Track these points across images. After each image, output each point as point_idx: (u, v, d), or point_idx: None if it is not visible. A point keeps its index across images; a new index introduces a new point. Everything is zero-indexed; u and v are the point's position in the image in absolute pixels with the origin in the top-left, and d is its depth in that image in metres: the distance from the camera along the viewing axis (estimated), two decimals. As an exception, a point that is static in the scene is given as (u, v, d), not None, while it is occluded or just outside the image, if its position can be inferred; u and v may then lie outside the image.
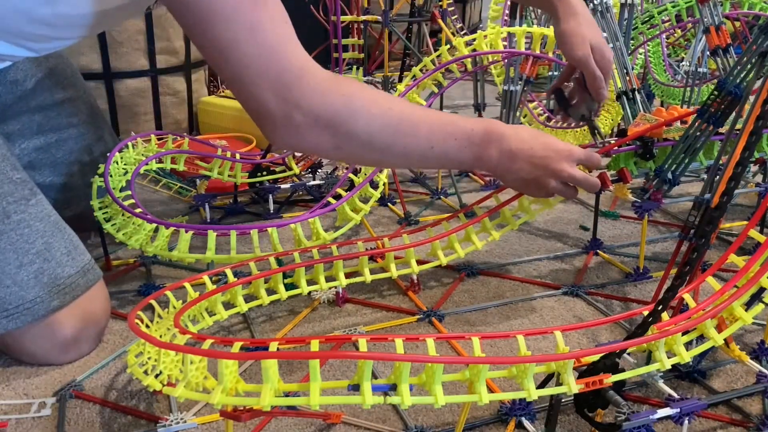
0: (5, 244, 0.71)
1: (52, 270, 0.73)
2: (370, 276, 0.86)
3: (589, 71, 0.88)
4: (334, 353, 0.68)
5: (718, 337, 0.62)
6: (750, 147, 0.57)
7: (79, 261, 0.76)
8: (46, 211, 0.75)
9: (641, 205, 0.86)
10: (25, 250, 0.72)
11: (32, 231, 0.73)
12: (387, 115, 0.70)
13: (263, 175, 1.19)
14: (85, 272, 0.76)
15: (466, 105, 2.03)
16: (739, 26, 1.35)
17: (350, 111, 0.68)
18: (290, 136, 0.68)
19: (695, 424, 0.65)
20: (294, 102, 0.66)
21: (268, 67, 0.64)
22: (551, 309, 0.87)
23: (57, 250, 0.74)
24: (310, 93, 0.66)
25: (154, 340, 0.53)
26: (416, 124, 0.72)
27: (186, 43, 1.60)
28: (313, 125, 0.67)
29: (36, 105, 0.92)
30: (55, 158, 0.96)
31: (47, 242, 0.73)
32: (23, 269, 0.71)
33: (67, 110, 0.96)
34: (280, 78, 0.65)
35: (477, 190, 1.30)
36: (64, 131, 0.96)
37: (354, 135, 0.69)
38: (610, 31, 1.15)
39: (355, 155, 0.75)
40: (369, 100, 0.70)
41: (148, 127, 1.58)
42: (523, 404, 0.65)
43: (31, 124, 0.92)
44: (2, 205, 0.71)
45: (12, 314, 0.71)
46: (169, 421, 0.64)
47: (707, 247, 0.62)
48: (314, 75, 0.67)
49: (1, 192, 0.72)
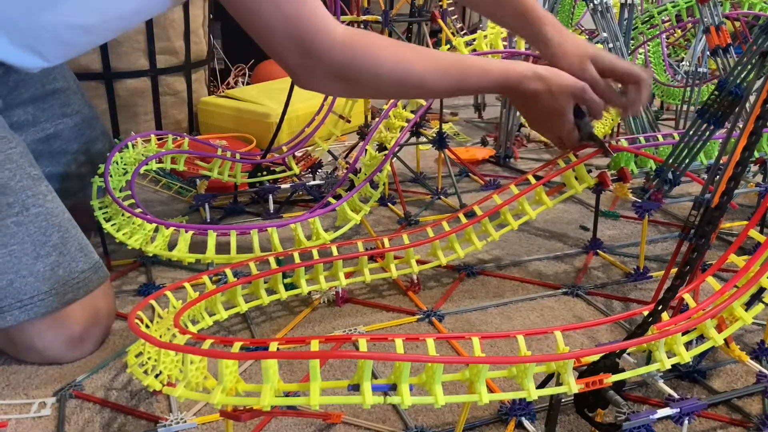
0: (24, 235, 0.72)
1: (68, 264, 0.74)
2: (370, 276, 0.86)
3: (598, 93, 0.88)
4: (334, 353, 0.68)
5: (718, 337, 0.62)
6: (750, 147, 0.57)
7: (91, 258, 0.77)
8: (60, 208, 0.77)
9: (641, 205, 0.86)
10: (42, 242, 0.73)
11: (49, 224, 0.74)
12: (399, 56, 0.79)
13: (263, 175, 1.19)
14: (97, 269, 0.77)
15: (466, 105, 2.03)
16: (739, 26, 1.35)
17: (366, 55, 0.77)
18: (311, 85, 0.80)
19: (695, 424, 0.65)
20: (315, 57, 0.75)
21: (289, 28, 0.73)
22: (551, 309, 0.87)
23: (72, 245, 0.75)
24: (328, 50, 0.75)
25: (154, 340, 0.53)
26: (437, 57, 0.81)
27: (186, 43, 1.60)
28: (331, 76, 0.77)
29: (28, 96, 0.92)
30: (52, 148, 0.96)
31: (63, 236, 0.75)
32: (40, 261, 0.72)
33: (59, 100, 0.97)
34: (301, 38, 0.74)
35: (477, 190, 1.30)
36: (59, 121, 0.97)
37: (369, 77, 0.79)
38: (610, 31, 1.15)
39: (374, 90, 0.84)
40: (381, 46, 0.78)
41: (148, 127, 1.58)
42: (523, 404, 0.65)
43: (26, 116, 0.93)
44: (22, 197, 0.73)
45: (26, 305, 0.71)
46: (169, 421, 0.64)
47: (707, 247, 0.62)
48: (331, 32, 0.75)
49: (21, 186, 0.73)
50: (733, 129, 0.76)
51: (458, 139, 1.64)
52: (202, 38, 1.67)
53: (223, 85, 1.96)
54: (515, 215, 0.90)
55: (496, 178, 1.35)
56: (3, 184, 0.72)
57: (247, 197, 1.24)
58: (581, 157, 0.90)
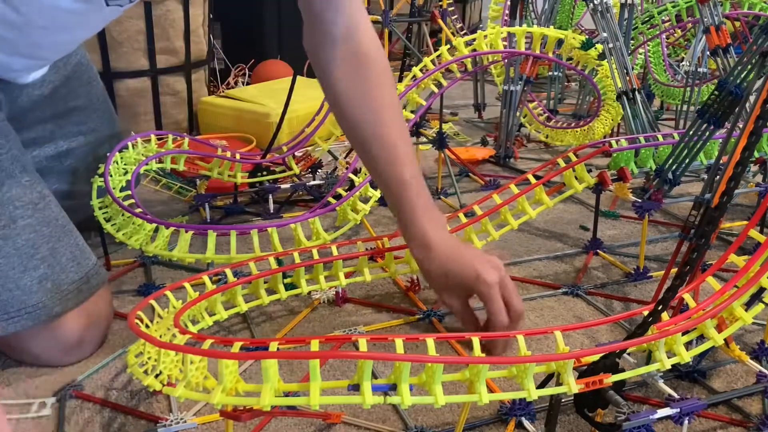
0: (10, 249, 0.71)
1: (56, 276, 0.73)
2: (370, 276, 0.86)
3: None
4: (334, 353, 0.68)
5: (718, 337, 0.62)
6: (750, 147, 0.57)
7: (84, 266, 0.76)
8: (54, 215, 0.75)
9: (642, 205, 0.87)
10: (30, 255, 0.71)
11: (38, 236, 0.73)
12: None
13: (263, 175, 1.19)
14: (89, 278, 0.76)
15: (466, 105, 2.03)
16: (739, 26, 1.35)
17: None
18: None
19: (695, 424, 0.65)
20: None
21: None
22: (551, 309, 0.87)
23: (62, 256, 0.74)
24: None
25: (154, 340, 0.53)
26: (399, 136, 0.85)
27: (186, 43, 1.60)
28: None
29: (51, 113, 0.92)
30: (63, 166, 0.95)
31: (53, 247, 0.73)
32: (27, 274, 0.71)
33: (77, 118, 0.96)
34: None
35: (477, 190, 1.30)
36: (74, 139, 0.96)
37: None
38: (610, 31, 1.15)
39: None
40: None
41: (148, 127, 1.58)
42: (523, 404, 0.65)
43: (44, 132, 0.92)
44: (9, 209, 0.71)
45: (13, 317, 0.71)
46: (169, 421, 0.64)
47: (707, 247, 0.62)
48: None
49: (9, 196, 0.72)
50: (733, 129, 0.76)
51: (458, 139, 1.64)
52: (202, 38, 1.67)
53: (223, 85, 1.96)
54: (515, 215, 0.90)
55: (496, 178, 1.35)
56: None
57: (247, 197, 1.24)
58: (581, 157, 0.90)
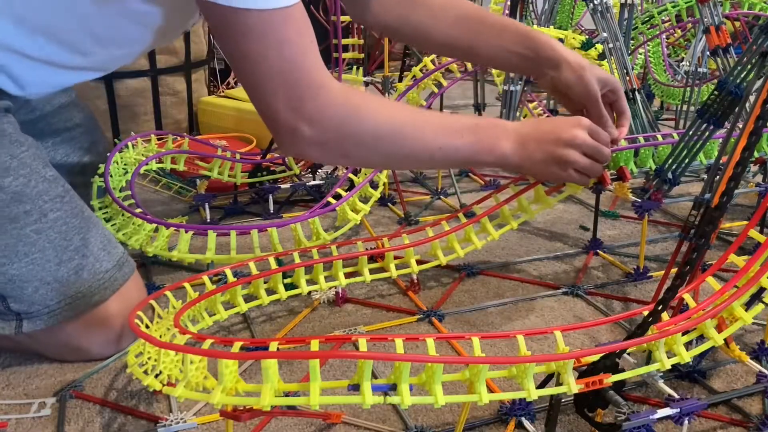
0: (44, 242, 0.71)
1: (91, 266, 0.74)
2: (370, 276, 0.86)
3: None
4: (334, 353, 0.68)
5: (718, 337, 0.62)
6: (750, 147, 0.57)
7: (114, 254, 0.77)
8: (79, 207, 0.76)
9: (641, 204, 0.86)
10: (64, 246, 0.72)
11: (69, 228, 0.73)
12: (391, 122, 0.72)
13: (263, 175, 1.19)
14: (121, 265, 0.77)
15: (466, 105, 2.03)
16: (739, 26, 1.35)
17: (358, 120, 0.71)
18: (294, 147, 0.70)
19: (695, 424, 0.65)
20: (305, 116, 0.68)
21: (287, 80, 0.66)
22: (551, 309, 0.87)
23: (94, 246, 0.75)
24: (322, 108, 0.68)
25: (154, 340, 0.53)
26: (421, 127, 0.74)
27: (186, 43, 1.60)
28: (319, 138, 0.69)
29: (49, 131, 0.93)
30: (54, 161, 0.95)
31: (84, 238, 0.74)
32: (63, 266, 0.72)
33: (64, 114, 0.96)
34: (297, 92, 0.67)
35: (477, 190, 1.30)
36: (61, 135, 0.96)
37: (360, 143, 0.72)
38: (610, 31, 1.15)
39: (362, 160, 0.80)
40: (375, 110, 0.72)
41: (148, 127, 1.58)
42: (523, 404, 0.65)
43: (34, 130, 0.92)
44: (39, 203, 0.72)
45: (53, 310, 0.71)
46: (169, 421, 0.64)
47: (707, 247, 0.62)
48: (329, 90, 0.68)
49: (37, 191, 0.72)
50: (733, 129, 0.76)
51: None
52: (202, 38, 1.67)
53: (223, 85, 1.96)
54: (515, 215, 0.90)
55: (496, 178, 1.35)
56: (19, 191, 0.71)
57: (247, 197, 1.24)
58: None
